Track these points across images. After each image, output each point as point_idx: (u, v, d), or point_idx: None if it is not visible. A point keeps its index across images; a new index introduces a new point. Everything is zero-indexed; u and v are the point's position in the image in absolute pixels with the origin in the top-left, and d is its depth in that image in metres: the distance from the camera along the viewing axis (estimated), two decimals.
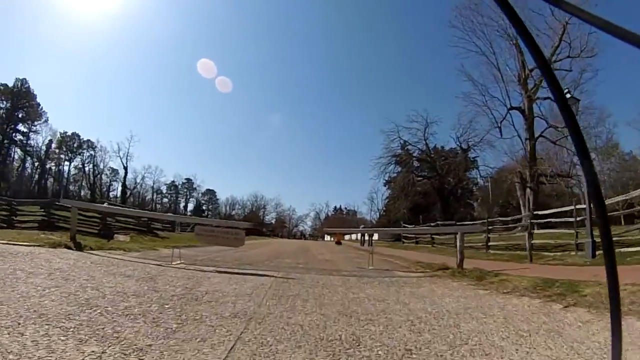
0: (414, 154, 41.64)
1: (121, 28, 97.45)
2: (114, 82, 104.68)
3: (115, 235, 15.67)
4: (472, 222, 23.87)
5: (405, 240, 31.03)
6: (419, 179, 40.43)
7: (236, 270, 7.66)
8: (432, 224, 27.04)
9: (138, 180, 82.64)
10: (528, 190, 27.78)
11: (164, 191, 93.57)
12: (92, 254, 8.37)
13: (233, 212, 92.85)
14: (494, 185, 49.27)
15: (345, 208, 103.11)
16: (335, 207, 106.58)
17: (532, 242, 12.99)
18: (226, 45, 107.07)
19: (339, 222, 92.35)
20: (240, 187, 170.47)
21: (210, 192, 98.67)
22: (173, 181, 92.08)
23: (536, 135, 28.89)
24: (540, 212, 18.15)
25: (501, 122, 29.90)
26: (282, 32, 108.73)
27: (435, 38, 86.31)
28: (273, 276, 6.99)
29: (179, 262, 8.25)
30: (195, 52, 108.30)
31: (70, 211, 10.28)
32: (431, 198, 42.63)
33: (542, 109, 29.40)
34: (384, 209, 66.47)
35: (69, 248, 8.50)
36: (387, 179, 59.97)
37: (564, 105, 0.70)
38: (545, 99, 29.25)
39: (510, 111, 29.97)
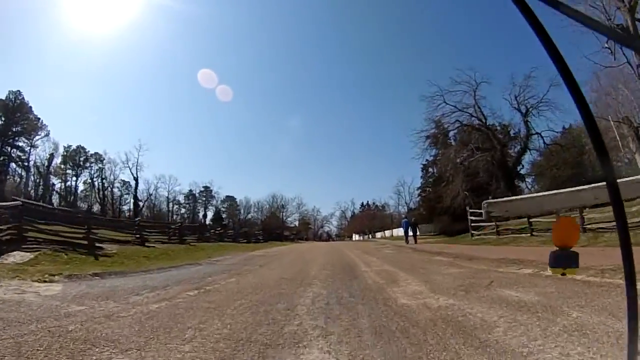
0: (464, 122, 32.60)
1: (122, 36, 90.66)
2: (119, 92, 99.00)
3: None
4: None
5: (475, 232, 22.17)
6: (476, 152, 31.03)
7: None
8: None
9: (151, 191, 77.33)
10: None
11: (182, 201, 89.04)
12: None
13: (249, 216, 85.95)
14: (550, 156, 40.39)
15: (374, 203, 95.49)
16: (362, 203, 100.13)
17: None
18: (237, 51, 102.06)
19: (370, 219, 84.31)
20: (261, 192, 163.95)
21: (230, 199, 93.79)
22: (191, 190, 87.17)
23: None
24: None
25: (607, 41, 20.35)
26: (293, 30, 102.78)
27: None
28: None
29: None
30: (204, 58, 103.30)
31: None
32: (486, 176, 33.40)
33: None
34: (421, 198, 57.28)
35: None
36: (426, 160, 51.09)
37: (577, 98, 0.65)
38: None
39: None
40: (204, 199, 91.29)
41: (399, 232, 46.97)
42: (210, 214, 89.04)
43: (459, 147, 31.36)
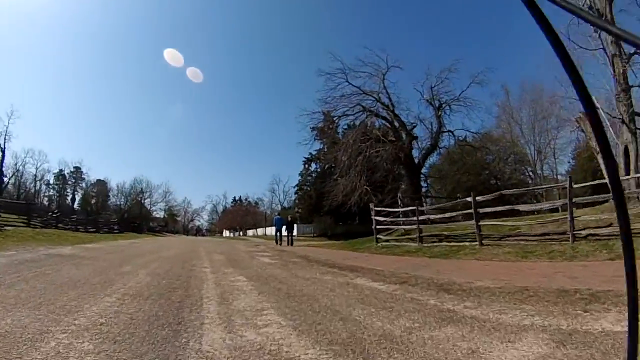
0: (368, 107, 28.30)
1: None
2: None
3: None
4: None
5: (381, 237, 17.56)
6: (382, 141, 26.85)
7: None
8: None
9: (19, 167, 65.90)
10: (628, 136, 15.06)
11: (51, 181, 77.64)
12: None
13: (109, 202, 75.09)
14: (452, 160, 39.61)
15: (247, 199, 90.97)
16: (235, 198, 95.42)
17: None
18: (128, 33, 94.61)
19: (242, 215, 78.69)
20: (128, 176, 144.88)
21: (101, 183, 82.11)
22: (61, 170, 76.08)
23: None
24: None
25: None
26: (175, 16, 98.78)
27: None
28: None
29: None
30: (81, 26, 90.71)
31: None
32: (384, 172, 29.69)
33: None
34: (298, 196, 53.59)
35: None
36: (309, 154, 46.98)
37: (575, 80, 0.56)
38: None
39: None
40: (73, 180, 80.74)
41: (273, 230, 42.44)
42: (78, 198, 79.88)
43: (359, 134, 26.84)
